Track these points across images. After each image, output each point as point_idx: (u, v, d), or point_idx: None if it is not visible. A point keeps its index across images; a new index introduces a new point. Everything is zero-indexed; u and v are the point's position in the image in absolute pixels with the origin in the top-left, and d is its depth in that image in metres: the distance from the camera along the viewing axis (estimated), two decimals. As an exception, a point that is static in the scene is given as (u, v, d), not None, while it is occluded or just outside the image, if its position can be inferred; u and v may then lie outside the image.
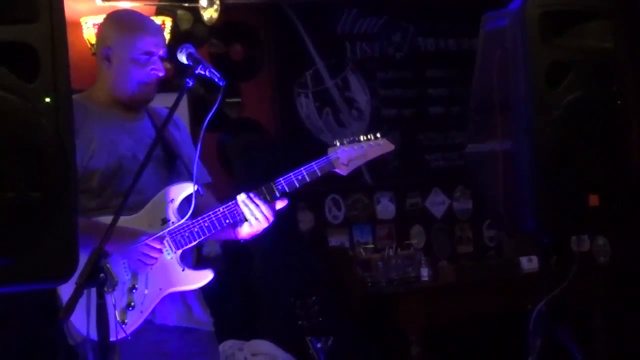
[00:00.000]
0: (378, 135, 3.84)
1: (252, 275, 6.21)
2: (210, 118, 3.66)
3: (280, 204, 3.72)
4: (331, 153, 3.77)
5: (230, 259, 6.05)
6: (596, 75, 3.65)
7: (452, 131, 7.41)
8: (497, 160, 3.68)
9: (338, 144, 3.79)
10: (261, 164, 6.39)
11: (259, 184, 3.71)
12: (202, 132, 3.62)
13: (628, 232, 6.59)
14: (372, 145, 3.81)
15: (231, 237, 3.77)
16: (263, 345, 5.61)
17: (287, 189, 3.70)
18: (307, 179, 3.71)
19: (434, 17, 7.49)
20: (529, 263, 6.64)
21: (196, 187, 3.65)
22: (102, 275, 2.89)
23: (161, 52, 3.72)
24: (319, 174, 3.73)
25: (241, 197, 3.66)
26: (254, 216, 3.65)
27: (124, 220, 3.54)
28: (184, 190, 3.68)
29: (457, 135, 7.34)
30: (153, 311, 3.62)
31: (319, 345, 5.40)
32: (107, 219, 3.43)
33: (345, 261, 6.61)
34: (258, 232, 3.71)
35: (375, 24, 7.30)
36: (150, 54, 3.68)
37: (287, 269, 6.20)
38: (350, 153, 3.77)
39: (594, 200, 3.61)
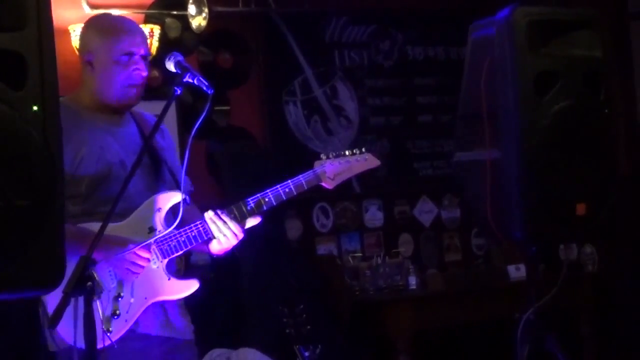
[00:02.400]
0: (363, 150, 3.87)
1: (240, 284, 6.21)
2: (198, 126, 3.66)
3: (252, 222, 3.71)
4: (317, 167, 3.78)
5: (218, 267, 6.04)
6: (584, 84, 3.65)
7: (441, 139, 7.42)
8: (485, 169, 3.69)
9: (324, 157, 3.81)
10: (249, 171, 6.39)
11: (230, 203, 3.71)
12: (190, 140, 3.61)
13: (616, 240, 6.61)
14: (358, 159, 3.84)
15: (205, 251, 3.77)
16: (250, 354, 5.59)
17: (273, 201, 3.69)
18: (294, 192, 3.72)
19: (422, 26, 7.51)
20: (517, 271, 6.65)
21: (184, 196, 3.66)
22: (89, 283, 2.87)
23: (142, 52, 3.70)
24: (306, 187, 3.74)
25: (209, 215, 3.66)
26: (222, 233, 3.65)
27: (111, 228, 3.53)
28: (170, 199, 3.68)
29: (446, 143, 7.35)
30: (137, 320, 3.62)
31: (307, 353, 5.40)
32: (92, 226, 3.45)
33: (334, 269, 6.61)
34: (227, 250, 3.71)
35: (364, 32, 7.31)
36: (131, 54, 3.66)
37: (275, 277, 6.19)
38: (337, 167, 3.80)
39: (581, 208, 3.62)
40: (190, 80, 3.55)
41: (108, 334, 3.51)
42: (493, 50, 3.62)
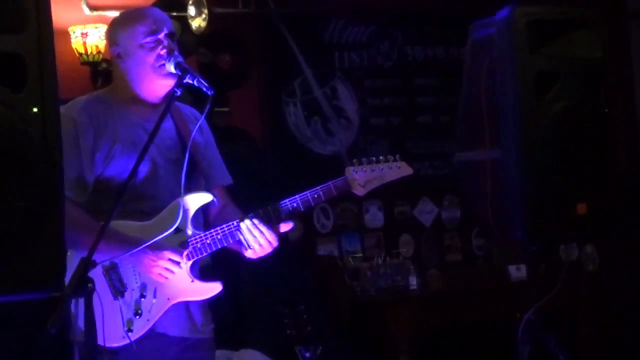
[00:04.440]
0: (397, 157, 3.81)
1: (241, 285, 6.20)
2: (198, 127, 3.66)
3: (284, 227, 3.67)
4: (348, 173, 3.72)
5: (219, 268, 6.04)
6: (583, 84, 3.65)
7: (441, 140, 7.41)
8: (485, 169, 3.68)
9: (356, 163, 3.73)
10: (249, 173, 6.39)
11: (265, 205, 3.65)
12: (189, 141, 3.61)
13: (616, 240, 6.61)
14: (390, 167, 3.79)
15: (239, 251, 3.73)
16: (252, 355, 5.60)
17: (301, 207, 3.64)
18: (323, 198, 3.66)
19: (422, 26, 7.51)
20: (518, 271, 6.64)
21: (211, 197, 3.66)
22: (90, 285, 2.86)
23: (166, 30, 3.64)
24: (335, 193, 3.68)
25: (245, 224, 3.59)
26: (257, 243, 3.60)
27: (137, 227, 3.55)
28: (199, 200, 3.65)
29: (446, 143, 7.34)
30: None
31: (307, 354, 5.40)
32: (120, 224, 3.47)
33: (334, 270, 6.61)
34: (261, 256, 3.67)
35: (364, 33, 7.31)
36: (154, 33, 3.62)
37: (275, 278, 6.19)
38: (368, 174, 3.74)
39: (582, 208, 3.61)
40: (190, 82, 3.53)
41: (129, 333, 3.52)
42: (493, 50, 3.62)
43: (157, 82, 3.63)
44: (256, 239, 3.60)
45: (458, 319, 6.51)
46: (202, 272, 3.74)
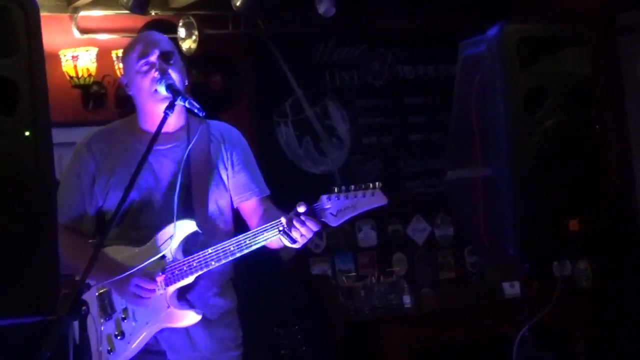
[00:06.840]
0: (377, 185, 3.71)
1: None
2: (191, 148, 3.66)
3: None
4: (319, 203, 3.62)
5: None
6: (574, 101, 3.65)
7: (432, 158, 7.43)
8: (477, 186, 3.68)
9: (336, 190, 3.63)
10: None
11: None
12: (182, 163, 3.61)
13: (609, 255, 6.61)
14: (363, 196, 3.68)
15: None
16: (246, 376, 5.58)
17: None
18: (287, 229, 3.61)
19: (412, 44, 7.53)
20: (511, 288, 6.64)
21: (196, 225, 3.63)
22: (84, 308, 2.87)
23: (157, 52, 3.63)
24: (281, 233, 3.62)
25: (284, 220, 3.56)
26: (298, 234, 3.56)
27: (129, 253, 3.59)
28: (184, 227, 3.63)
29: (437, 161, 7.36)
30: (155, 337, 3.62)
31: (302, 374, 5.38)
32: (112, 249, 3.55)
33: (328, 290, 6.60)
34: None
35: (354, 52, 7.33)
36: (144, 56, 3.62)
37: (269, 298, 6.18)
38: (341, 204, 3.64)
39: (574, 224, 3.61)
40: (182, 103, 3.53)
41: (111, 354, 3.55)
42: (483, 67, 3.62)
43: (156, 107, 3.60)
44: (302, 233, 3.55)
45: (452, 337, 6.50)
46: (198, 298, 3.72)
